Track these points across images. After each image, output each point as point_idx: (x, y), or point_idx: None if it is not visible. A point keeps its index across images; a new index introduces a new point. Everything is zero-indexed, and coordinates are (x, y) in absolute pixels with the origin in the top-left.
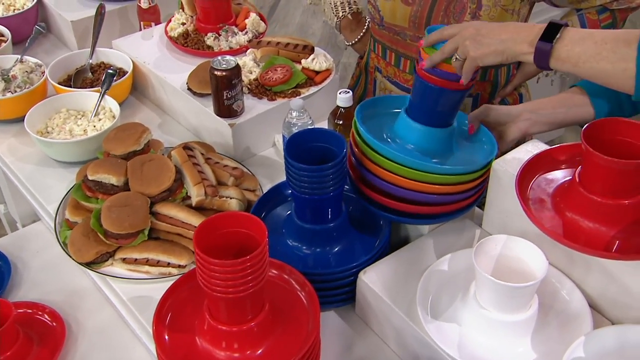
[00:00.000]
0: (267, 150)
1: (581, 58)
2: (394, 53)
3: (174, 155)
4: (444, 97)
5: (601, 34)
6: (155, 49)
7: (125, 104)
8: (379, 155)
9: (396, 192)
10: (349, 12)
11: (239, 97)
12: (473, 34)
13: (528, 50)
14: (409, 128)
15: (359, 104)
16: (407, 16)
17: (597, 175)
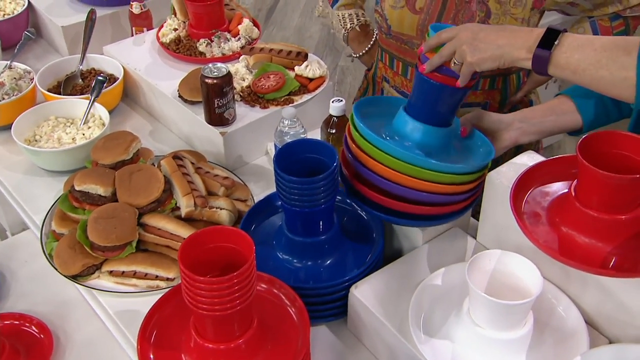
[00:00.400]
0: (259, 159)
1: (580, 65)
2: (401, 62)
3: (164, 165)
4: (444, 94)
5: (600, 40)
6: (147, 55)
7: (115, 111)
8: (377, 149)
9: (392, 189)
10: (357, 24)
11: (231, 105)
12: (470, 38)
13: (526, 57)
14: (407, 126)
15: (356, 102)
16: (414, 25)
17: (593, 189)
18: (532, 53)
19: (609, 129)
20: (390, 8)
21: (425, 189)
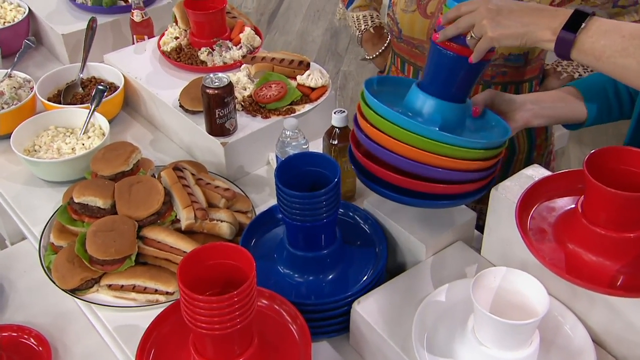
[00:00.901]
0: (260, 169)
1: (605, 52)
2: (412, 66)
3: (164, 177)
4: (459, 66)
5: (629, 27)
6: (148, 63)
7: (116, 120)
8: (390, 123)
9: (407, 165)
10: (371, 26)
11: (232, 116)
12: (492, 12)
13: (549, 38)
14: (420, 101)
15: (367, 80)
16: (425, 29)
17: (600, 207)
18: (556, 35)
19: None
20: (401, 12)
21: (441, 164)
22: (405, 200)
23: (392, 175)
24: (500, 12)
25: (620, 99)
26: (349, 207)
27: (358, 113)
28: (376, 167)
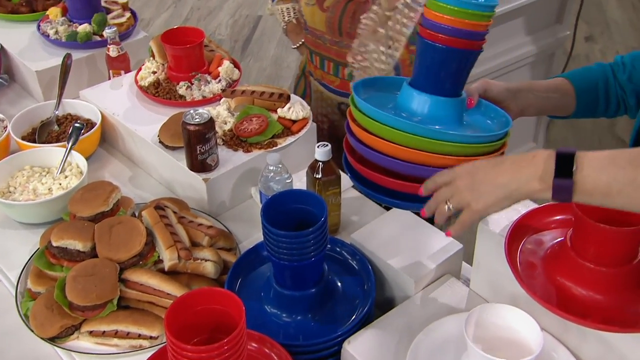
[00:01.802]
0: (244, 203)
1: (613, 188)
2: (318, 56)
3: (145, 217)
4: (452, 58)
5: (623, 155)
6: (125, 98)
7: (93, 157)
8: (387, 127)
9: (408, 169)
10: (293, 17)
11: (214, 151)
12: (469, 183)
13: (541, 187)
14: (414, 99)
15: (356, 82)
16: (323, 21)
17: (589, 241)
18: (547, 183)
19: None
20: (305, 5)
21: (447, 163)
22: (411, 205)
23: (396, 182)
24: (476, 179)
25: (608, 99)
26: (336, 243)
27: (349, 119)
28: (379, 175)
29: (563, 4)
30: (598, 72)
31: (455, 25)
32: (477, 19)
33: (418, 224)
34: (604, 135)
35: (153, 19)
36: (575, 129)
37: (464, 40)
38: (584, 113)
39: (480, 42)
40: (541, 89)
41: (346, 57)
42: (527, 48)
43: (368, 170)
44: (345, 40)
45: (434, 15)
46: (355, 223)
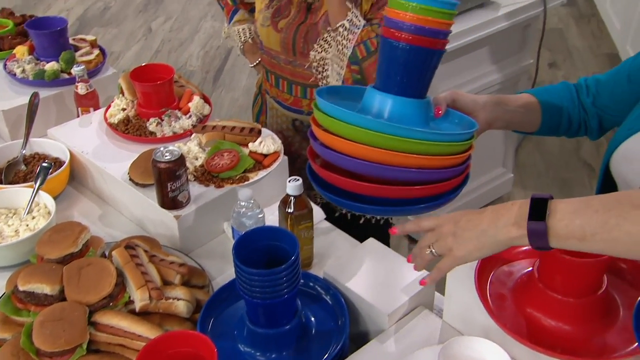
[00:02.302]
0: (216, 239)
1: (587, 231)
2: (273, 75)
3: (115, 257)
4: (415, 56)
5: (596, 200)
6: (94, 136)
7: (62, 196)
8: (351, 126)
9: (376, 171)
10: (249, 37)
11: (185, 188)
12: (453, 229)
13: (517, 233)
14: (378, 101)
15: (318, 89)
16: (278, 42)
17: (555, 272)
18: (523, 228)
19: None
20: (260, 26)
21: (410, 162)
22: (383, 210)
23: (364, 185)
24: (459, 225)
25: (570, 119)
26: (309, 278)
27: (313, 124)
28: (345, 179)
29: (525, 33)
30: (563, 91)
31: (419, 24)
32: (440, 16)
33: (390, 255)
34: (570, 159)
35: (123, 52)
36: (543, 153)
37: (428, 38)
38: (548, 130)
39: (444, 41)
40: (509, 103)
41: (300, 77)
42: (493, 76)
43: (333, 174)
44: (299, 60)
45: (397, 14)
46: (328, 256)
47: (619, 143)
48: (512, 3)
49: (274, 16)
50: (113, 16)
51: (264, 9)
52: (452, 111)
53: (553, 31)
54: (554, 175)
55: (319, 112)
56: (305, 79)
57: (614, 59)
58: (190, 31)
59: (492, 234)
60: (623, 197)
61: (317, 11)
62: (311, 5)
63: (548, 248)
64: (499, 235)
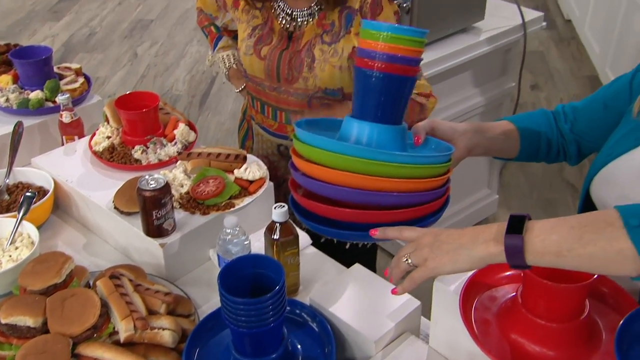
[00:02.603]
0: (202, 266)
1: (563, 246)
2: (258, 102)
3: (99, 287)
4: (389, 83)
5: (572, 218)
6: (79, 164)
7: (46, 225)
8: (334, 154)
9: (356, 197)
10: (234, 63)
11: (170, 216)
12: (432, 241)
13: (496, 249)
14: (355, 128)
15: (297, 121)
16: (262, 69)
17: (538, 297)
18: (501, 244)
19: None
20: (243, 55)
21: (386, 187)
22: (365, 236)
23: (346, 212)
24: (439, 238)
25: (549, 145)
26: (296, 305)
27: (293, 154)
28: (326, 207)
29: (507, 57)
30: (541, 118)
31: (391, 52)
32: (411, 44)
33: (376, 281)
34: (554, 180)
35: (109, 77)
36: (527, 174)
37: (401, 66)
38: (527, 157)
39: (415, 68)
40: (488, 130)
41: (285, 103)
42: (476, 99)
43: (315, 203)
44: (284, 86)
45: (369, 44)
46: (315, 281)
47: (598, 168)
48: (493, 28)
49: (257, 44)
50: (98, 42)
51: (247, 38)
52: (430, 138)
53: (534, 54)
54: (538, 196)
55: (299, 142)
56: (290, 105)
57: (594, 81)
58: (176, 56)
59: (468, 249)
60: (598, 215)
61: (299, 40)
62: (292, 34)
63: (525, 266)
64: (476, 251)
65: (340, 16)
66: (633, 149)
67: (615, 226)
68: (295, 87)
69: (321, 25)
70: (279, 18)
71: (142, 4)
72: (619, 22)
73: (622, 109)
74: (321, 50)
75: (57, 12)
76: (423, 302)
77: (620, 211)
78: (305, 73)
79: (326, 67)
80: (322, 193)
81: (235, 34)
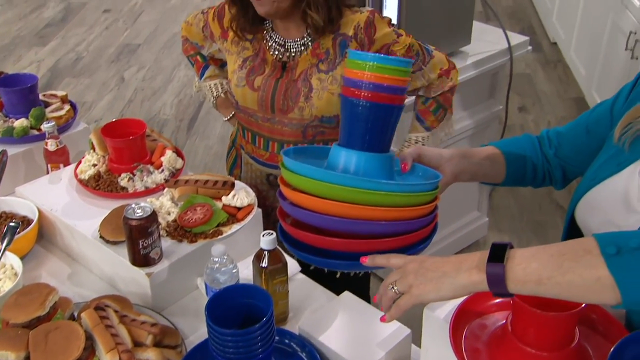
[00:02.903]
0: (190, 295)
1: (543, 274)
2: (250, 132)
3: (84, 319)
4: (376, 112)
5: (552, 247)
6: (64, 193)
7: (30, 255)
8: (322, 182)
9: (344, 226)
10: (222, 92)
11: (157, 244)
12: (417, 268)
13: (478, 278)
14: (343, 157)
15: (284, 150)
16: (255, 100)
17: (528, 326)
18: (483, 271)
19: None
20: (235, 87)
21: (373, 215)
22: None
23: (335, 241)
24: (424, 265)
25: (535, 170)
26: (285, 334)
27: (281, 184)
28: (315, 236)
29: (494, 80)
30: (526, 143)
31: (377, 81)
32: (396, 74)
33: (366, 308)
34: (543, 202)
35: (96, 102)
36: (516, 196)
37: (387, 95)
38: (513, 181)
39: (401, 96)
40: (474, 155)
41: (278, 133)
42: (464, 122)
43: (303, 232)
44: (278, 117)
45: (356, 74)
46: (304, 309)
47: (582, 193)
48: (479, 52)
49: (249, 75)
50: (85, 66)
51: (238, 70)
52: (417, 165)
53: (521, 76)
54: (528, 218)
55: (286, 171)
56: (284, 135)
57: (581, 103)
58: (163, 80)
59: (452, 277)
60: (577, 243)
61: (294, 69)
62: (286, 64)
63: (507, 294)
64: (459, 279)
65: (334, 43)
66: (615, 174)
67: (593, 254)
68: (290, 117)
69: (316, 55)
70: (271, 49)
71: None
72: (603, 45)
73: (604, 135)
74: (319, 79)
75: (43, 37)
76: (413, 330)
77: (598, 239)
78: (301, 103)
79: (324, 95)
80: (310, 222)
81: (222, 62)
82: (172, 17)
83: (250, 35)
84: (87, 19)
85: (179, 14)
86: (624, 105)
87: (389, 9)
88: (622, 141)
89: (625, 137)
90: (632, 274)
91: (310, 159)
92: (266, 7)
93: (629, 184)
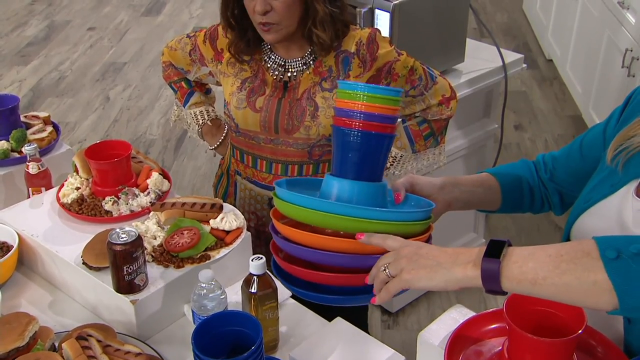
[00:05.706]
0: (176, 322)
1: (539, 274)
2: (250, 156)
3: (66, 349)
4: (367, 141)
5: (550, 247)
6: (46, 218)
7: (9, 283)
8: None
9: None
10: (208, 119)
11: (142, 270)
12: (411, 253)
13: (472, 273)
14: (336, 187)
15: (277, 181)
16: (257, 122)
17: (525, 352)
18: (478, 267)
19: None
20: (235, 109)
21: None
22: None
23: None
24: (419, 252)
25: (532, 196)
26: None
27: (273, 217)
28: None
29: (489, 98)
30: (522, 169)
31: (368, 111)
32: (387, 103)
33: (358, 336)
34: (541, 223)
35: (80, 122)
36: (514, 218)
37: (378, 124)
38: (511, 208)
39: (392, 125)
40: (466, 183)
41: (282, 154)
42: (458, 142)
43: (298, 267)
44: (282, 137)
45: (347, 104)
46: (294, 337)
47: (577, 215)
48: (473, 70)
49: (249, 97)
50: (69, 85)
51: (237, 92)
52: (410, 195)
53: (517, 94)
54: (526, 240)
55: (279, 201)
56: (289, 156)
57: (578, 121)
58: (150, 99)
59: (446, 268)
60: (576, 245)
61: (296, 89)
62: (287, 84)
63: (501, 291)
64: (454, 271)
65: (337, 61)
66: (609, 195)
67: (592, 257)
68: (295, 137)
69: (318, 74)
70: (270, 70)
71: (115, 46)
72: (599, 62)
73: (598, 157)
74: (323, 98)
75: (25, 56)
76: (408, 357)
77: (598, 242)
78: (307, 122)
79: (331, 113)
80: (302, 257)
81: (207, 88)
82: (159, 35)
83: (248, 57)
84: (71, 37)
85: (165, 32)
86: (615, 127)
87: (381, 27)
88: (615, 162)
89: (618, 158)
90: (632, 279)
91: (303, 189)
92: (274, 35)
93: (623, 205)
